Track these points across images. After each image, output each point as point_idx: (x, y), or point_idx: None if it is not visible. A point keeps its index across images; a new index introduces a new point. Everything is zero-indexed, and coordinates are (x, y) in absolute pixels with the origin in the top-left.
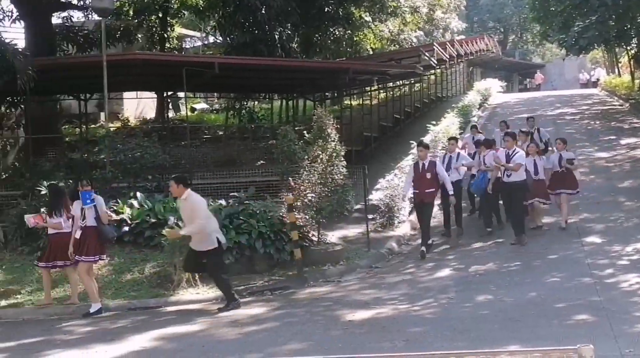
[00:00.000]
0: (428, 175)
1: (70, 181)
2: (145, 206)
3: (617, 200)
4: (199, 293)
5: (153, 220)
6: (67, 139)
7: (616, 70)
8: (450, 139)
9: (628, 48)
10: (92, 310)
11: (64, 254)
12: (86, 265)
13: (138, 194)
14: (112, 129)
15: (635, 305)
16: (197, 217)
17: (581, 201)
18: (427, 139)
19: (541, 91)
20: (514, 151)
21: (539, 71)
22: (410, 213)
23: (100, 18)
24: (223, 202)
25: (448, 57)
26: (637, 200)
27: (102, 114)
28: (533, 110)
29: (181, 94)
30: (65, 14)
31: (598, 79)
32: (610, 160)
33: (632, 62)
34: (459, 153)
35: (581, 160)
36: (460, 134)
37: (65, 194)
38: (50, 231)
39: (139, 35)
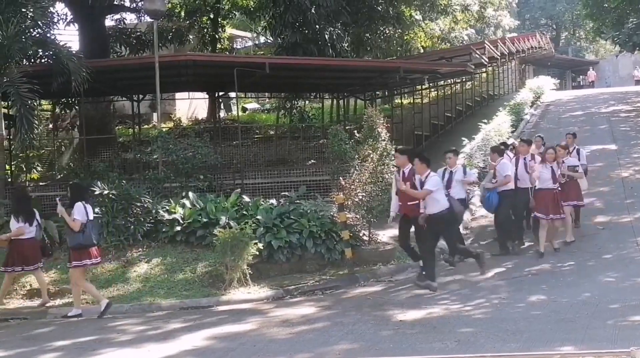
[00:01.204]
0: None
1: (124, 181)
2: (197, 205)
3: None
4: (250, 292)
5: (205, 220)
6: (120, 139)
7: None
8: (447, 152)
9: None
10: (70, 313)
11: (25, 259)
12: (77, 270)
13: (190, 194)
14: (164, 129)
15: None
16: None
17: (636, 199)
18: (478, 137)
19: (595, 88)
20: (427, 175)
21: (592, 68)
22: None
23: (153, 20)
24: (274, 201)
25: (499, 54)
26: None
27: (155, 115)
28: (586, 107)
29: (232, 94)
30: (118, 16)
31: None
32: None
33: None
34: (463, 167)
35: (636, 158)
36: (512, 132)
37: (30, 200)
38: (14, 236)
39: (191, 37)
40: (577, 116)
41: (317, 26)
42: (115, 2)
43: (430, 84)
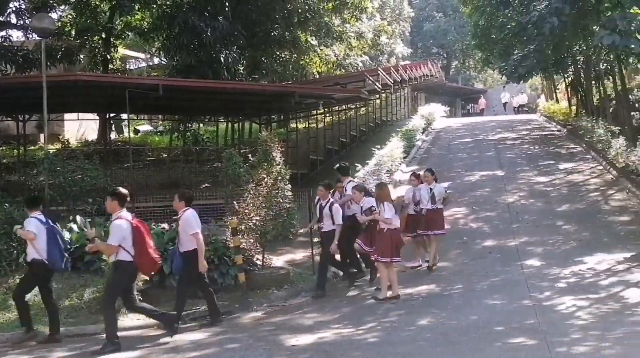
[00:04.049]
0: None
1: (7, 204)
2: (85, 229)
3: (556, 224)
4: (139, 319)
5: (92, 244)
6: (4, 160)
7: (554, 97)
8: (320, 184)
9: (565, 76)
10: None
11: None
12: None
13: (78, 217)
14: (51, 150)
15: (573, 327)
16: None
17: (521, 224)
18: (372, 162)
19: (484, 116)
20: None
21: (483, 96)
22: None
23: (41, 38)
24: (166, 226)
25: (392, 82)
26: (574, 224)
27: (42, 136)
28: (475, 134)
29: (124, 116)
30: (3, 33)
31: (522, 106)
32: (549, 184)
33: (569, 90)
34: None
35: (521, 184)
36: (404, 158)
37: None
38: None
39: (81, 56)
40: (466, 143)
41: (213, 49)
42: (0, 19)
43: (326, 109)
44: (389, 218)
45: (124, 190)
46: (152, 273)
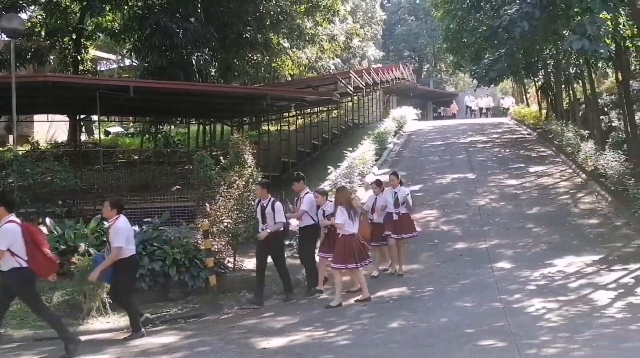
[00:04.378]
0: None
1: None
2: (55, 232)
3: (526, 226)
4: (109, 322)
5: (63, 247)
6: None
7: (525, 100)
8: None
9: (535, 79)
10: None
11: None
12: None
13: (47, 220)
14: (20, 152)
15: (542, 330)
16: None
17: (492, 227)
18: (344, 165)
19: (455, 119)
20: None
21: (454, 101)
22: None
23: (10, 39)
24: (137, 228)
25: (364, 84)
26: (544, 226)
27: (11, 137)
28: (446, 138)
29: (95, 117)
30: None
31: (488, 109)
32: (519, 187)
33: (539, 93)
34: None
35: (492, 187)
36: (376, 161)
37: None
38: None
39: (52, 57)
40: (438, 146)
41: (184, 51)
42: None
43: (298, 112)
44: (340, 222)
45: (10, 196)
46: (51, 275)
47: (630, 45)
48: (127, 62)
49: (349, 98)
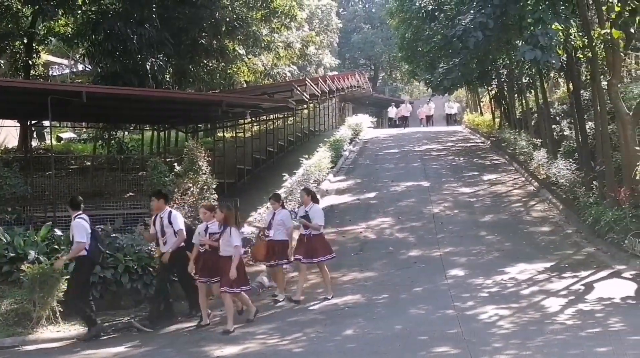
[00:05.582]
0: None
1: None
2: (4, 239)
3: (479, 234)
4: (60, 331)
5: (12, 254)
6: None
7: (478, 109)
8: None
9: (489, 89)
10: None
11: None
12: None
13: None
14: None
15: (494, 336)
16: None
17: (446, 234)
18: (299, 172)
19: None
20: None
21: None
22: None
23: None
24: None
25: (320, 92)
26: (497, 234)
27: None
28: (402, 145)
29: (46, 123)
30: None
31: (429, 116)
32: (473, 195)
33: (492, 102)
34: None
35: (446, 195)
36: (332, 168)
37: None
38: None
39: (2, 61)
40: (393, 154)
41: (139, 56)
42: None
43: (253, 119)
44: (238, 245)
45: None
46: None
47: (581, 55)
48: (80, 67)
49: (305, 105)
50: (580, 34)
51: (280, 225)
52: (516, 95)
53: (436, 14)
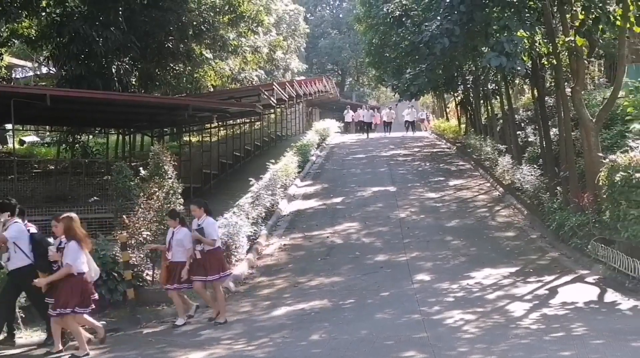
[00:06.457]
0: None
1: None
2: None
3: (445, 239)
4: (22, 337)
5: None
6: None
7: (445, 115)
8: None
9: (455, 95)
10: None
11: None
12: None
13: None
14: None
15: (460, 341)
16: None
17: (412, 239)
18: (266, 177)
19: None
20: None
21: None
22: (248, 251)
23: None
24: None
25: (287, 97)
26: (462, 239)
27: None
28: (368, 151)
29: (9, 126)
30: None
31: (389, 123)
32: (439, 200)
33: (458, 108)
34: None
35: (412, 200)
36: (299, 173)
37: None
38: None
39: None
40: (360, 159)
41: (104, 59)
42: None
43: (220, 123)
44: (69, 263)
45: None
46: None
47: (546, 62)
48: (45, 70)
49: (272, 110)
50: (545, 41)
51: (179, 246)
52: (482, 101)
53: (403, 20)
